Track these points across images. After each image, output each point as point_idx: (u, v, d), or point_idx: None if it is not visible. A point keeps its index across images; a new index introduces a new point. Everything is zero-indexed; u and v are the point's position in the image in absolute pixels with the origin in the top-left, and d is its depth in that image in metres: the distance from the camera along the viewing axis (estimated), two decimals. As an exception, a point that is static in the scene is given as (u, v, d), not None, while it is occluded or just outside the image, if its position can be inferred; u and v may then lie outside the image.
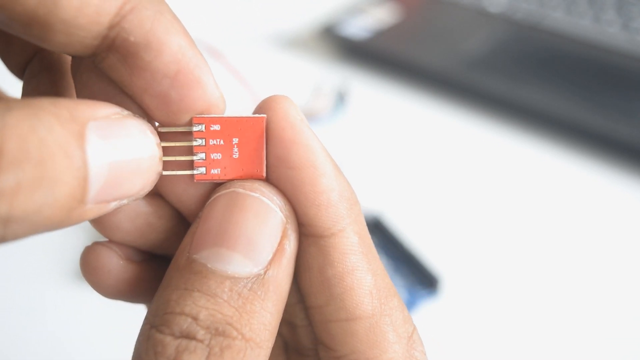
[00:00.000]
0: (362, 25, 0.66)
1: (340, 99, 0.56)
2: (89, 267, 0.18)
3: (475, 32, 0.65)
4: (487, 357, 0.37)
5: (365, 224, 0.18)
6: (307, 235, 0.17)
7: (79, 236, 0.41)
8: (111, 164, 0.14)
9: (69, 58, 0.19)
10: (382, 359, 0.17)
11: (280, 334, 0.21)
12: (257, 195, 0.17)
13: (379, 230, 0.44)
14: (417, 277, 0.41)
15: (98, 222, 0.18)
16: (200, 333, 0.15)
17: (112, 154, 0.14)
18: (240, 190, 0.17)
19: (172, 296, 0.16)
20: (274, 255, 0.16)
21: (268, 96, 0.17)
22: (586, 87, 0.57)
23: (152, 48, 0.15)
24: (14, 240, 0.13)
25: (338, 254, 0.17)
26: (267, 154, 0.17)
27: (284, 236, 0.17)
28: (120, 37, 0.15)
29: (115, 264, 0.18)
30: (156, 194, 0.18)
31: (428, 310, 0.39)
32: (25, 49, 0.19)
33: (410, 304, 0.39)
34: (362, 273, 0.17)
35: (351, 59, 0.65)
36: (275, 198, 0.17)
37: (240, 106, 0.45)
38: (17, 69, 0.19)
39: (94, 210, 0.14)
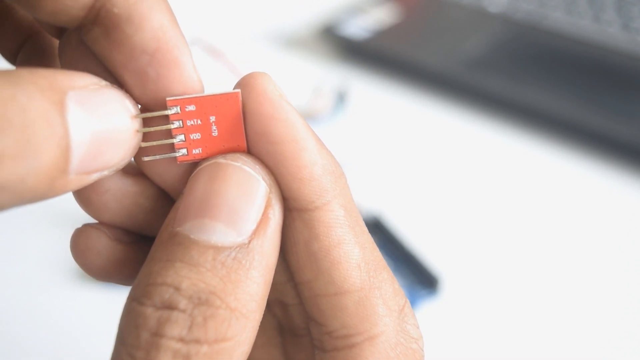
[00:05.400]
0: (362, 25, 0.66)
1: (340, 99, 0.56)
2: (79, 249, 0.18)
3: (475, 32, 0.65)
4: (487, 357, 0.37)
5: (352, 197, 0.18)
6: (292, 209, 0.17)
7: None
8: (92, 133, 0.14)
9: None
10: (372, 332, 0.17)
11: (274, 315, 0.20)
12: (239, 164, 0.16)
13: (379, 230, 0.44)
14: (417, 277, 0.40)
15: (86, 203, 0.18)
16: (183, 303, 0.15)
17: (93, 123, 0.14)
18: (222, 160, 0.17)
19: (154, 268, 0.15)
20: (258, 224, 0.16)
21: (246, 74, 0.17)
22: (586, 87, 0.57)
23: (134, 22, 0.15)
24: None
25: (323, 228, 0.17)
26: (246, 129, 0.17)
27: (268, 205, 0.16)
28: (105, 8, 0.15)
29: (104, 245, 0.18)
30: (142, 174, 0.18)
31: (428, 310, 0.39)
32: (17, 35, 0.19)
33: (410, 304, 0.39)
34: (349, 246, 0.17)
35: (351, 59, 0.65)
36: (257, 167, 0.17)
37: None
38: (10, 55, 0.19)
39: (76, 181, 0.14)
